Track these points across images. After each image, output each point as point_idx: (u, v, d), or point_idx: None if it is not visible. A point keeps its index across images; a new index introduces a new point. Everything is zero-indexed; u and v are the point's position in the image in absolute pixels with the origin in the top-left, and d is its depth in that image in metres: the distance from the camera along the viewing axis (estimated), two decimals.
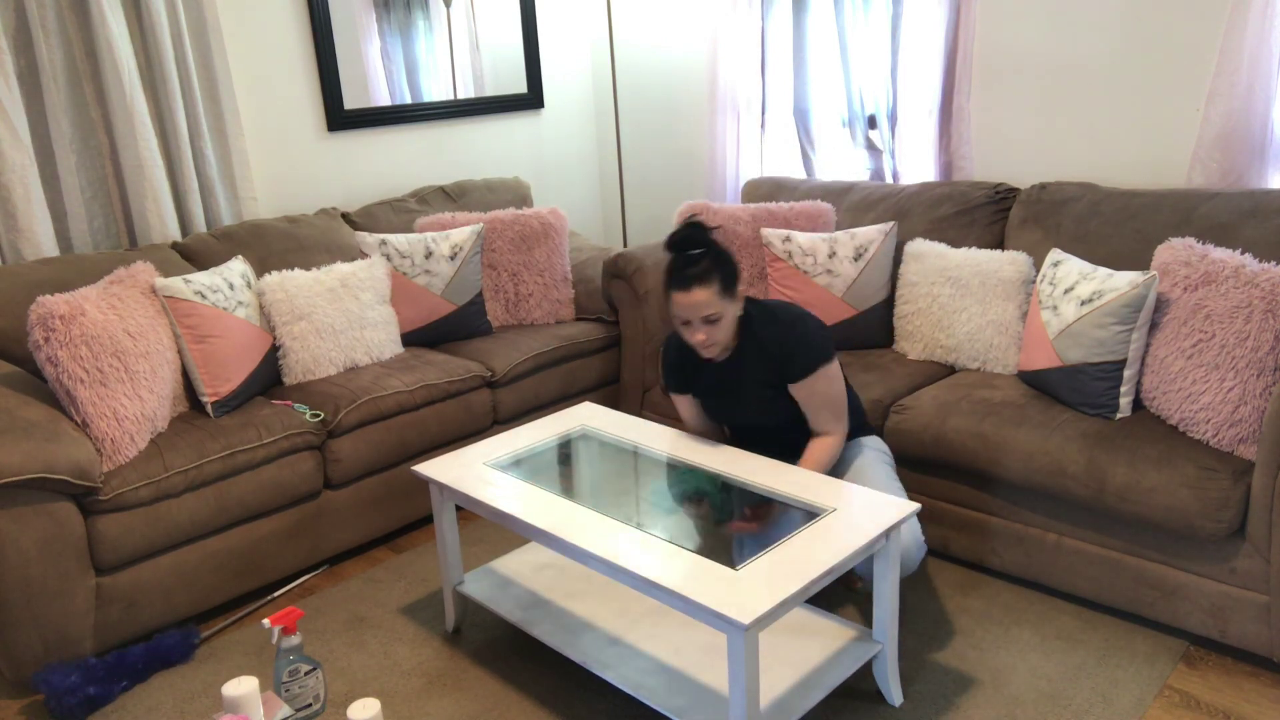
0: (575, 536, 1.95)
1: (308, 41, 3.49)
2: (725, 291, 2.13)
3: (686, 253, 2.14)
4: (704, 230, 2.16)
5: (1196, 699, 2.05)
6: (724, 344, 2.21)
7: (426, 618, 2.53)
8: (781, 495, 2.08)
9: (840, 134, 3.63)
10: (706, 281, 2.11)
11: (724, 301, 2.14)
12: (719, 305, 2.13)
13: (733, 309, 2.17)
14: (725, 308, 2.14)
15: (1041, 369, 2.50)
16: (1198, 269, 2.25)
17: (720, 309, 2.13)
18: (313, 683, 2.13)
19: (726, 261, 2.15)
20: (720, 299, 2.13)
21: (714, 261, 2.12)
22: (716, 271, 2.12)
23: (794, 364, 2.20)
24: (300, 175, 3.54)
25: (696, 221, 2.17)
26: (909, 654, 2.25)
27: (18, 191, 2.80)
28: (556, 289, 3.48)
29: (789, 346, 2.20)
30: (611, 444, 2.43)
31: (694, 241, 2.14)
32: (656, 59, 4.16)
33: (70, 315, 2.32)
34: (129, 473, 2.34)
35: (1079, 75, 2.98)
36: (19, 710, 2.25)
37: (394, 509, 2.92)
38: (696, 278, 2.11)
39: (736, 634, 1.67)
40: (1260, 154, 2.65)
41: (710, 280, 2.11)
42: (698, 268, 2.11)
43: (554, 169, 4.39)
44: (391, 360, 3.06)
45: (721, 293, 2.13)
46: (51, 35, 2.85)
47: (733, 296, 2.16)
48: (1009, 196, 3.00)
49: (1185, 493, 2.07)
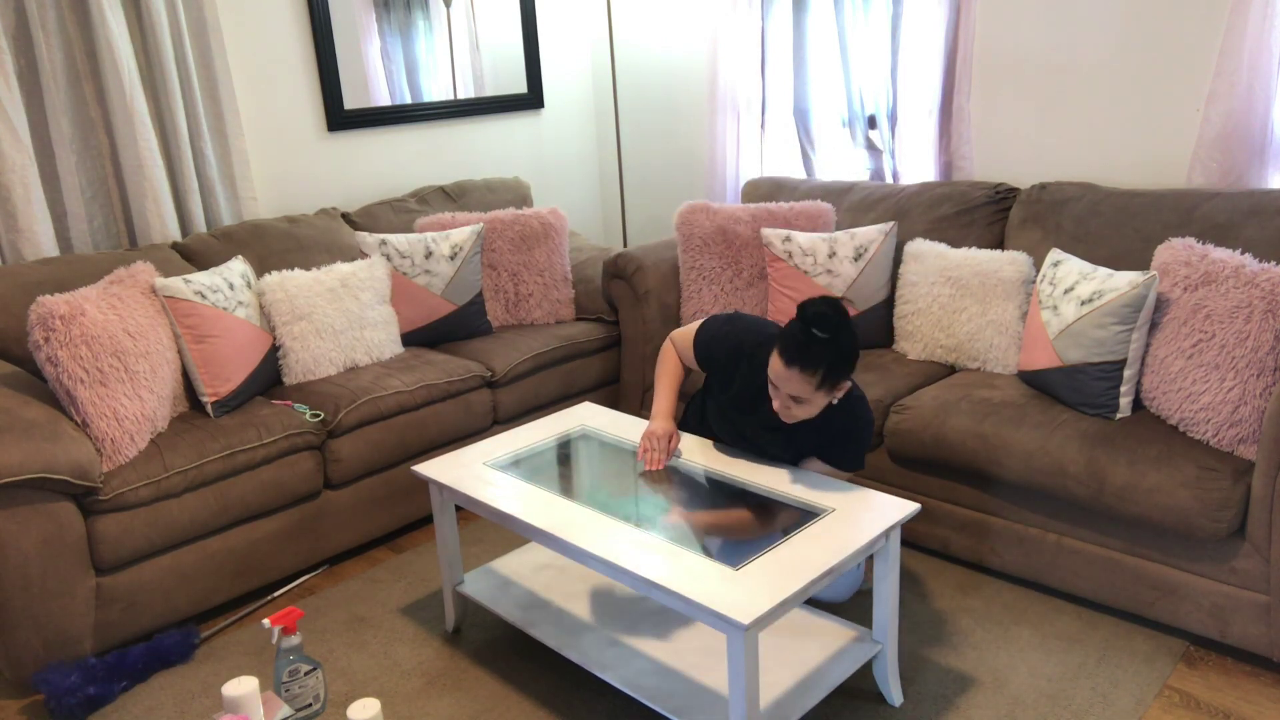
0: (575, 536, 1.95)
1: (308, 41, 3.49)
2: (824, 386, 2.01)
3: (811, 329, 1.97)
4: (840, 315, 1.99)
5: (1196, 699, 2.05)
6: (801, 418, 2.10)
7: (426, 618, 2.53)
8: (781, 495, 2.08)
9: (840, 134, 3.63)
10: (809, 370, 1.98)
11: (818, 394, 2.02)
12: (810, 395, 2.02)
13: (823, 400, 2.05)
14: (815, 398, 2.03)
15: (1041, 369, 2.50)
16: (1198, 269, 2.25)
17: (809, 397, 2.03)
18: (313, 683, 2.13)
19: (843, 359, 2.00)
20: (815, 391, 2.01)
21: (830, 355, 1.98)
22: (825, 366, 1.98)
23: (832, 452, 2.21)
24: (300, 175, 3.54)
25: (838, 303, 2.00)
26: (909, 654, 2.25)
27: (18, 191, 2.80)
28: (556, 289, 3.48)
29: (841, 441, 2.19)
30: (611, 444, 2.43)
31: (825, 322, 1.97)
32: (656, 59, 4.16)
33: (70, 315, 2.32)
34: (129, 473, 2.34)
35: (1079, 75, 2.98)
36: (19, 710, 2.25)
37: (394, 509, 2.92)
38: (801, 359, 1.98)
39: (736, 634, 1.67)
40: (1260, 154, 2.65)
41: (814, 372, 1.98)
42: (813, 350, 1.97)
43: (554, 169, 4.39)
44: (391, 360, 3.06)
45: (819, 386, 2.00)
46: (51, 35, 2.85)
47: (831, 389, 2.03)
48: (1009, 196, 3.00)
49: (1185, 493, 2.07)
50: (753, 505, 2.07)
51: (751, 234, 3.19)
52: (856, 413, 2.18)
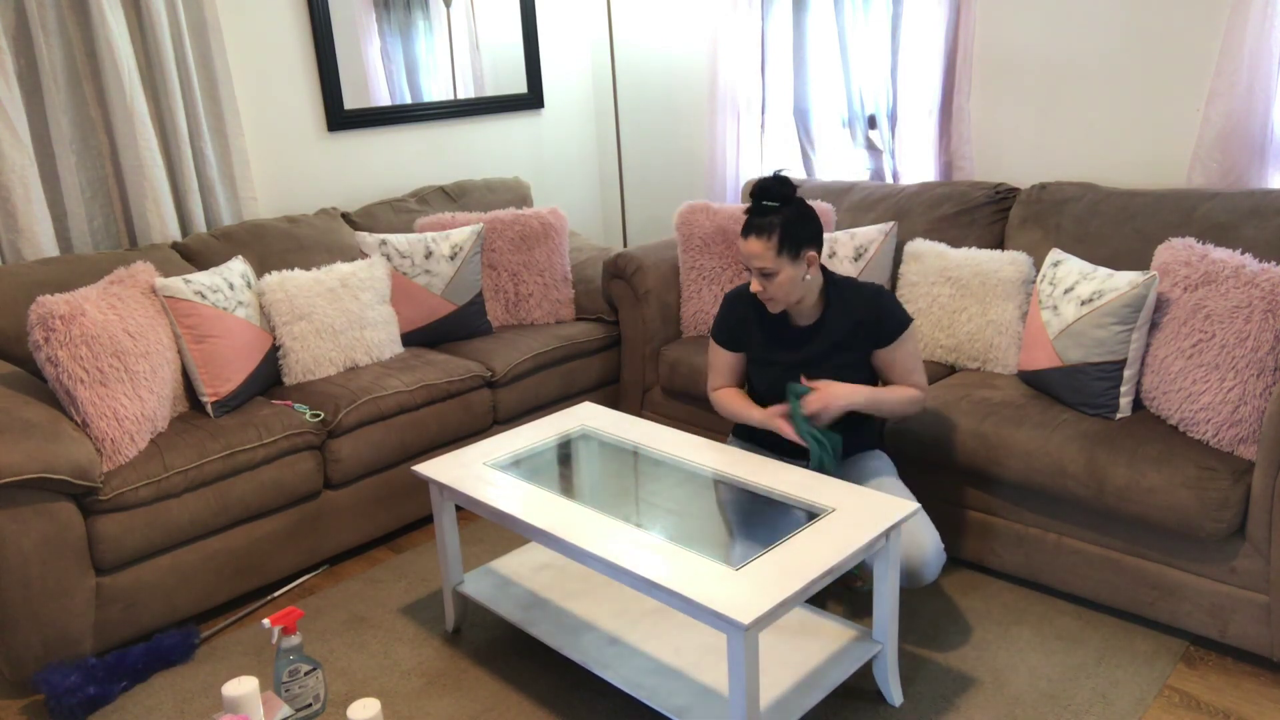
0: (575, 536, 1.95)
1: (308, 41, 3.49)
2: (784, 250, 2.13)
3: (762, 201, 2.15)
4: (785, 185, 2.15)
5: (1196, 699, 2.05)
6: (783, 301, 2.21)
7: (426, 618, 2.53)
8: (781, 495, 2.08)
9: (840, 134, 3.63)
10: (765, 235, 2.12)
11: (780, 259, 2.13)
12: (773, 261, 2.13)
13: (792, 269, 2.15)
14: (782, 266, 2.14)
15: (1041, 369, 2.50)
16: (1198, 269, 2.25)
17: (774, 265, 2.14)
18: (313, 683, 2.13)
19: (797, 222, 2.14)
20: (776, 256, 2.13)
21: (782, 219, 2.12)
22: (780, 229, 2.12)
23: (886, 326, 2.23)
24: (300, 175, 3.54)
25: (783, 176, 2.16)
26: (909, 654, 2.25)
27: (18, 191, 2.80)
28: (556, 289, 3.48)
29: (881, 310, 2.23)
30: (611, 444, 2.43)
31: (770, 193, 2.14)
32: (656, 59, 4.16)
33: (70, 315, 2.32)
34: (129, 473, 2.34)
35: (1079, 75, 2.98)
36: (19, 710, 2.25)
37: (394, 509, 2.92)
38: (756, 228, 2.13)
39: (736, 634, 1.67)
40: (1260, 154, 2.65)
41: (769, 234, 2.12)
42: (762, 219, 2.13)
43: (554, 169, 4.39)
44: (391, 360, 3.06)
45: (779, 250, 2.12)
46: (51, 35, 2.85)
47: (795, 258, 2.15)
48: (1009, 196, 3.00)
49: (1185, 493, 2.07)
50: (753, 505, 2.07)
51: None
52: (860, 286, 2.28)
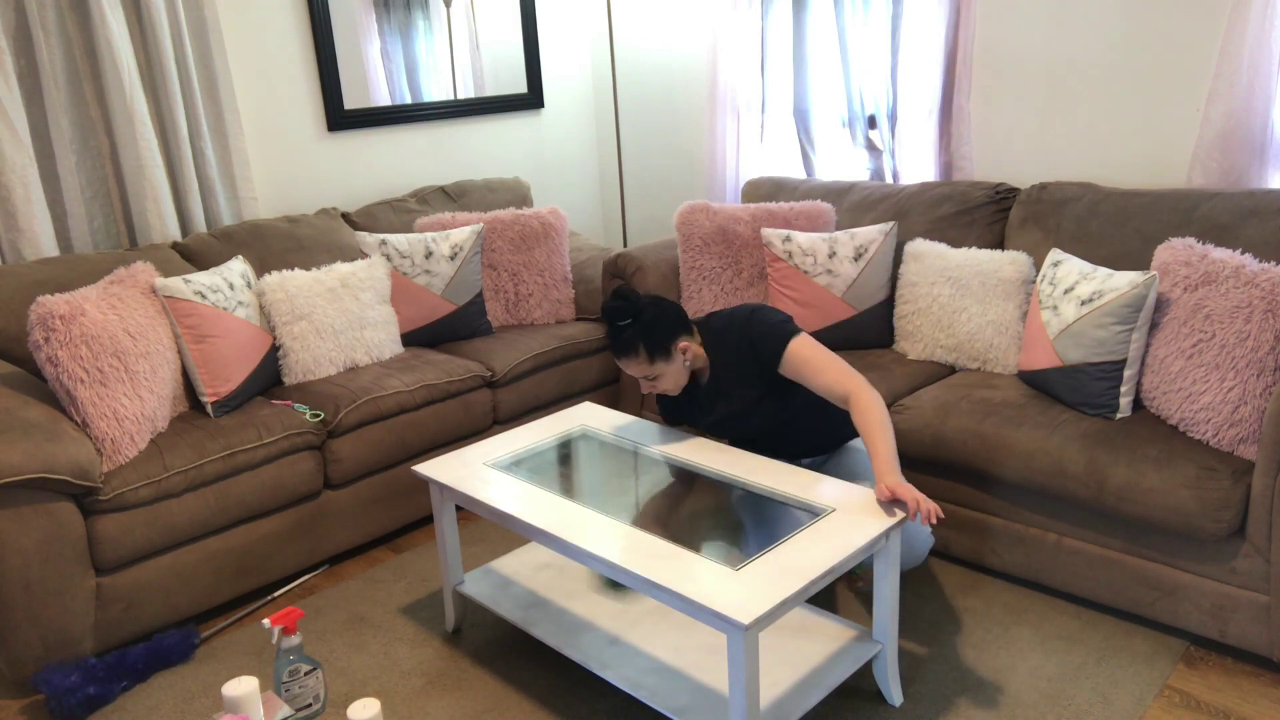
0: (575, 536, 1.95)
1: (308, 41, 3.49)
2: (655, 356, 2.22)
3: (615, 323, 2.23)
4: (628, 299, 2.23)
5: (1196, 699, 2.05)
6: (675, 387, 2.29)
7: (426, 618, 2.53)
8: (781, 495, 2.08)
9: (840, 134, 3.63)
10: (632, 353, 2.22)
11: (656, 364, 2.23)
12: (649, 369, 2.24)
13: (669, 365, 2.24)
14: (659, 369, 2.24)
15: (1041, 369, 2.50)
16: (1198, 269, 2.25)
17: (653, 371, 2.24)
18: (313, 683, 2.13)
19: (654, 327, 2.21)
20: (651, 364, 2.23)
21: (639, 331, 2.20)
22: (642, 341, 2.20)
23: (765, 348, 2.20)
24: (300, 175, 3.54)
25: (622, 290, 2.25)
26: (909, 654, 2.25)
27: (18, 191, 2.80)
28: (556, 289, 3.48)
29: (752, 336, 2.22)
30: (611, 444, 2.43)
31: (620, 312, 2.22)
32: (656, 59, 4.16)
33: (70, 315, 2.32)
34: (129, 473, 2.34)
35: (1079, 75, 2.98)
36: (19, 710, 2.25)
37: (394, 509, 2.92)
38: (622, 349, 2.22)
39: (736, 634, 1.67)
40: (1260, 154, 2.65)
41: (635, 352, 2.21)
42: (622, 339, 2.22)
43: (554, 169, 4.39)
44: (391, 360, 3.06)
45: (651, 359, 2.22)
46: (51, 35, 2.85)
47: (666, 356, 2.23)
48: (1009, 196, 3.00)
49: (1185, 493, 2.07)
50: (753, 505, 2.07)
51: (751, 234, 3.19)
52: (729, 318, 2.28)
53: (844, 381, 2.10)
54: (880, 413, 2.03)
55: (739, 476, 2.18)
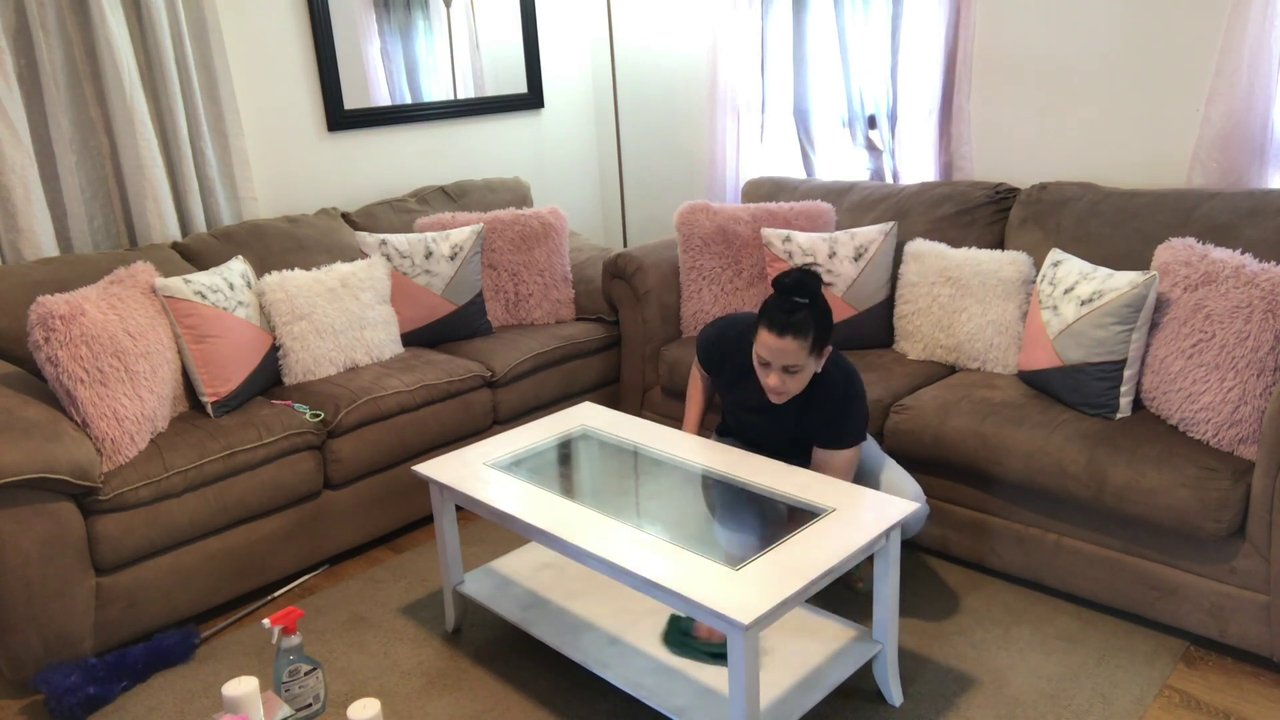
0: (575, 536, 1.95)
1: (308, 41, 3.49)
2: (815, 349, 2.12)
3: (792, 297, 2.10)
4: (816, 280, 2.12)
5: (1196, 699, 2.05)
6: (799, 388, 2.18)
7: (426, 618, 2.53)
8: (781, 495, 2.08)
9: (840, 134, 3.63)
10: (801, 334, 2.08)
11: (810, 358, 2.13)
12: (803, 360, 2.11)
13: (814, 366, 2.17)
14: (808, 363, 2.13)
15: (1041, 369, 2.50)
16: (1198, 269, 2.25)
17: (803, 363, 2.12)
18: (313, 683, 2.13)
19: (826, 319, 2.13)
20: (808, 355, 2.11)
21: (814, 316, 2.10)
22: (813, 327, 2.09)
23: (829, 433, 2.22)
24: (300, 175, 3.54)
25: (813, 271, 2.13)
26: (909, 654, 2.25)
27: (18, 191, 2.80)
28: (556, 289, 3.48)
29: (836, 412, 2.21)
30: (611, 444, 2.43)
31: (804, 289, 2.10)
32: (656, 59, 4.16)
33: (70, 315, 2.32)
34: (129, 473, 2.34)
35: (1079, 75, 2.98)
36: (19, 710, 2.25)
37: (394, 509, 2.92)
38: (793, 326, 2.08)
39: (736, 634, 1.67)
40: (1260, 154, 2.65)
41: (805, 334, 2.08)
42: (798, 316, 2.08)
43: (554, 169, 4.39)
44: (391, 360, 3.06)
45: (811, 349, 2.11)
46: (51, 35, 2.85)
47: (819, 355, 2.15)
48: (1009, 196, 3.00)
49: (1185, 493, 2.07)
50: (754, 505, 2.07)
51: (751, 234, 3.19)
52: (843, 382, 2.24)
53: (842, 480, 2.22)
54: None
55: (739, 476, 2.18)
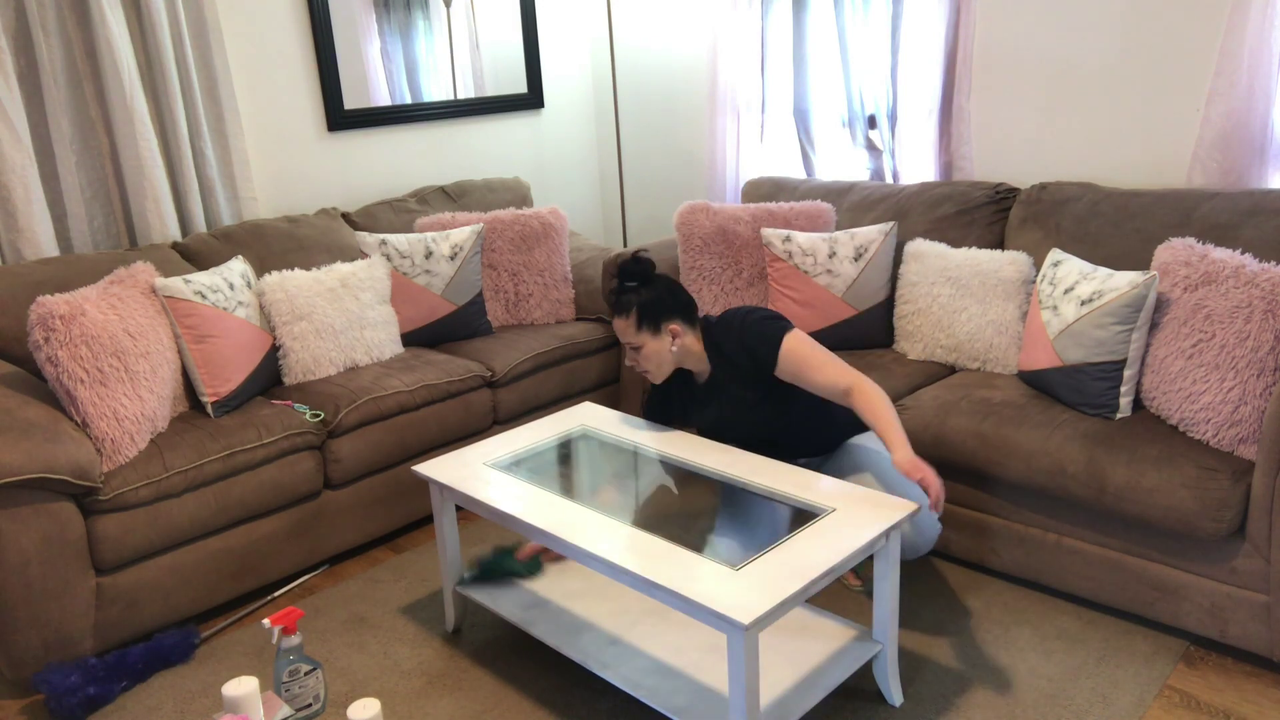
0: (575, 536, 1.95)
1: (308, 41, 3.49)
2: (644, 326, 2.27)
3: (622, 281, 2.31)
4: (641, 265, 2.30)
5: (1196, 699, 2.05)
6: (657, 373, 2.33)
7: (426, 618, 2.53)
8: (781, 495, 2.08)
9: (840, 134, 3.63)
10: (624, 313, 2.28)
11: (642, 334, 2.27)
12: (634, 337, 2.28)
13: (655, 343, 2.28)
14: (643, 340, 2.28)
15: (1041, 369, 2.50)
16: (1198, 269, 2.25)
17: (637, 340, 2.28)
18: (313, 683, 2.13)
19: (655, 299, 2.27)
20: (637, 332, 2.27)
21: (639, 298, 2.27)
22: (636, 306, 2.26)
23: (759, 353, 2.21)
24: (300, 175, 3.54)
25: (640, 256, 2.32)
26: (909, 654, 2.25)
27: (18, 191, 2.80)
28: (556, 289, 3.48)
29: (748, 340, 2.23)
30: (611, 444, 2.43)
31: (629, 274, 2.30)
32: (656, 59, 4.16)
33: (70, 315, 2.32)
34: (129, 473, 2.34)
35: (1079, 75, 2.98)
36: (19, 710, 2.25)
37: (394, 509, 2.92)
38: (616, 307, 2.30)
39: (736, 634, 1.67)
40: (1260, 154, 2.65)
41: (627, 313, 2.27)
42: (621, 299, 2.29)
43: (554, 169, 4.39)
44: (391, 360, 3.06)
45: (639, 326, 2.27)
46: (51, 35, 2.85)
47: (656, 332, 2.27)
48: (1009, 196, 3.00)
49: (1185, 493, 2.07)
50: (753, 505, 2.07)
51: (751, 234, 3.19)
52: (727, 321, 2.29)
53: (844, 376, 2.13)
54: (885, 399, 2.09)
55: (739, 476, 2.18)
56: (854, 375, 2.12)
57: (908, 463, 1.99)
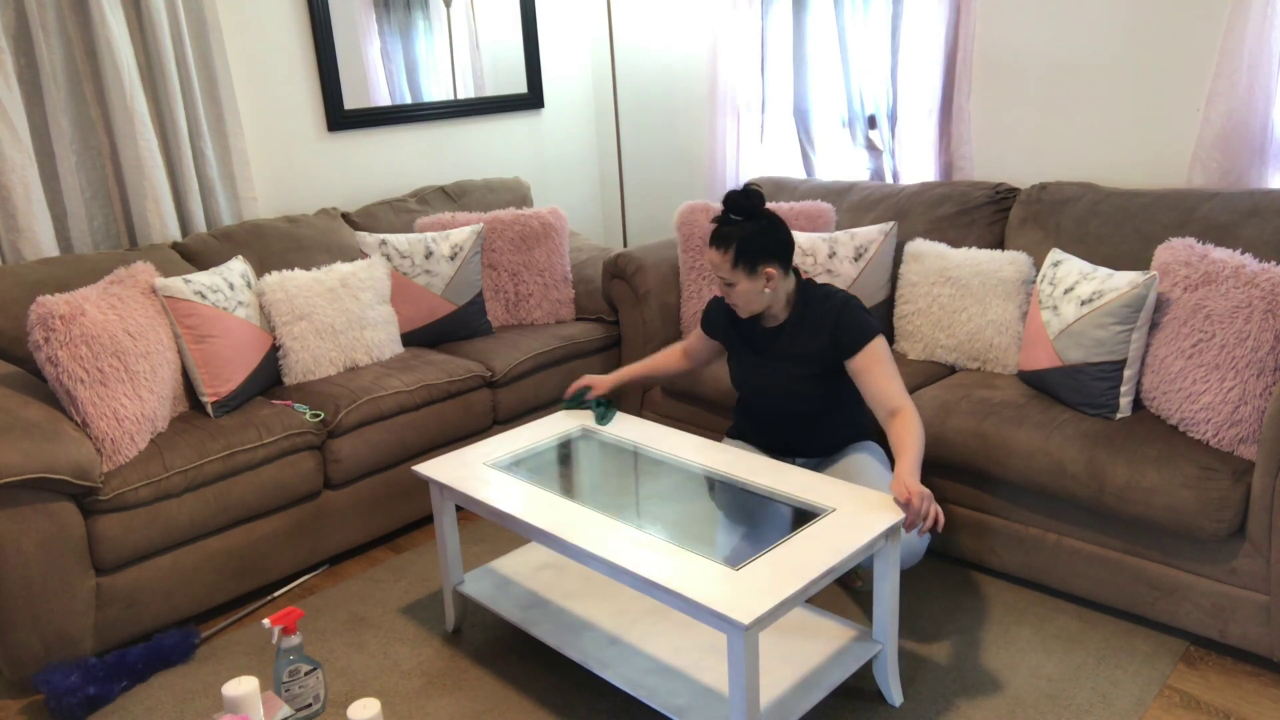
0: (575, 536, 1.95)
1: (308, 41, 3.49)
2: (740, 263, 2.18)
3: (727, 214, 2.21)
4: (751, 199, 2.19)
5: (1196, 699, 2.05)
6: (744, 309, 2.26)
7: (426, 618, 2.53)
8: (781, 495, 2.08)
9: (840, 134, 3.63)
10: (723, 247, 2.19)
11: (736, 272, 2.19)
12: (729, 273, 2.20)
13: (748, 283, 2.21)
14: (738, 278, 2.20)
15: (1041, 369, 2.50)
16: (1198, 269, 2.25)
17: (730, 276, 2.20)
18: (313, 683, 2.13)
19: (756, 238, 2.18)
20: (732, 268, 2.19)
21: (741, 233, 2.17)
22: (736, 242, 2.17)
23: (846, 337, 2.21)
24: (300, 175, 3.54)
25: (753, 190, 2.20)
26: (909, 654, 2.25)
27: (18, 191, 2.80)
28: (556, 289, 3.48)
29: (842, 320, 2.22)
30: (611, 444, 2.43)
31: (736, 207, 2.19)
32: (656, 59, 4.16)
33: (70, 315, 2.32)
34: (129, 473, 2.34)
35: (1079, 75, 2.98)
36: (19, 710, 2.25)
37: (394, 509, 2.92)
38: (717, 238, 2.20)
39: (736, 634, 1.67)
40: (1260, 154, 2.65)
41: (726, 247, 2.18)
42: (723, 231, 2.20)
43: (554, 169, 4.39)
44: (391, 360, 3.06)
45: (735, 263, 2.18)
46: (51, 35, 2.85)
47: (751, 272, 2.20)
48: (1009, 196, 3.00)
49: (1185, 493, 2.07)
50: (753, 505, 2.07)
51: None
52: (830, 292, 2.27)
53: (901, 395, 2.15)
54: (921, 431, 2.09)
55: (739, 476, 2.18)
56: (908, 400, 2.14)
57: (899, 484, 1.96)
